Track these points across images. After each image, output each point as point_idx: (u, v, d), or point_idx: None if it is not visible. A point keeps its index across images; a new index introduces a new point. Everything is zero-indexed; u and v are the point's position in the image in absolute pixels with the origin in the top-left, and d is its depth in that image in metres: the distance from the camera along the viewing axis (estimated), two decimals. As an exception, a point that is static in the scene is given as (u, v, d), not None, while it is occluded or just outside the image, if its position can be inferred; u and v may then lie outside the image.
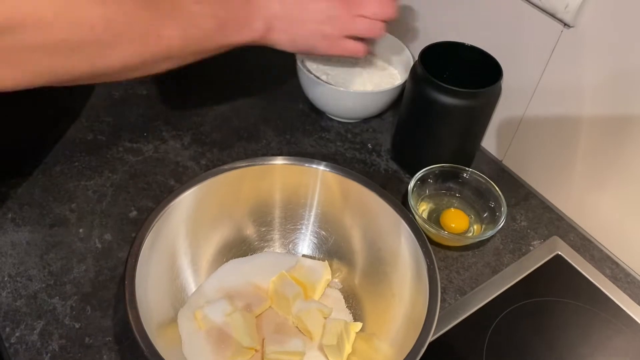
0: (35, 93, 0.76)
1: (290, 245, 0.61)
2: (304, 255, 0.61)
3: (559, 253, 0.65)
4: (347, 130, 0.77)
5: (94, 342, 0.53)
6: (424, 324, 0.47)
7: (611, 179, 0.62)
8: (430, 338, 0.46)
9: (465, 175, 0.67)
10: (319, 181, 0.58)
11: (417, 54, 0.65)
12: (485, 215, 0.65)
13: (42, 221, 0.62)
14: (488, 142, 0.76)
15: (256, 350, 0.52)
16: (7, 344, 0.52)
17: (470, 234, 0.65)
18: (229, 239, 0.59)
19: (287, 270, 0.57)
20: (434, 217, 0.66)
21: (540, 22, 0.61)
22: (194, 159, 0.71)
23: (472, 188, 0.67)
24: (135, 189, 0.67)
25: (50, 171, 0.67)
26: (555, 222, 0.69)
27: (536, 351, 0.56)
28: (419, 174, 0.65)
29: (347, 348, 0.52)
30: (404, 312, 0.52)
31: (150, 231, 0.50)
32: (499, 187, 0.65)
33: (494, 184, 0.65)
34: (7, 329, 0.53)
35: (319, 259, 0.60)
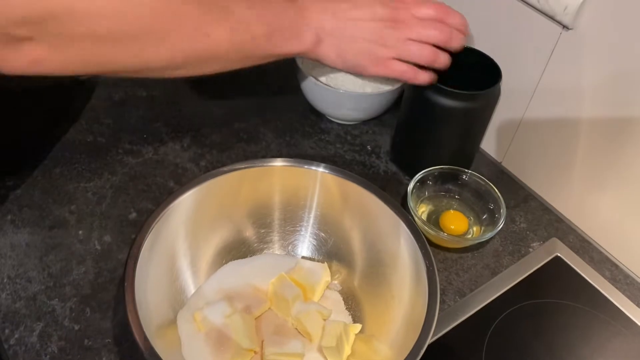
0: (36, 94, 0.76)
1: (290, 246, 0.61)
2: (303, 257, 0.61)
3: (559, 255, 0.65)
4: (346, 132, 0.77)
5: (94, 344, 0.53)
6: (423, 325, 0.47)
7: (611, 181, 0.62)
8: (430, 340, 0.46)
9: (465, 177, 0.67)
10: (318, 183, 0.58)
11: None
12: (485, 217, 0.66)
13: (42, 223, 0.62)
14: (487, 144, 0.76)
15: (255, 352, 0.52)
16: (6, 346, 0.52)
17: (470, 235, 0.65)
18: (229, 241, 0.59)
19: (286, 272, 0.57)
20: (434, 219, 0.66)
21: (540, 24, 0.61)
22: (194, 161, 0.71)
23: (472, 190, 0.67)
24: (134, 191, 0.67)
25: (50, 173, 0.67)
26: (555, 224, 0.69)
27: (535, 353, 0.56)
28: (419, 176, 0.65)
29: (347, 349, 0.52)
30: (403, 314, 0.52)
31: (150, 233, 0.50)
32: (498, 189, 0.65)
33: (493, 185, 0.65)
34: (7, 331, 0.53)
35: (318, 260, 0.60)
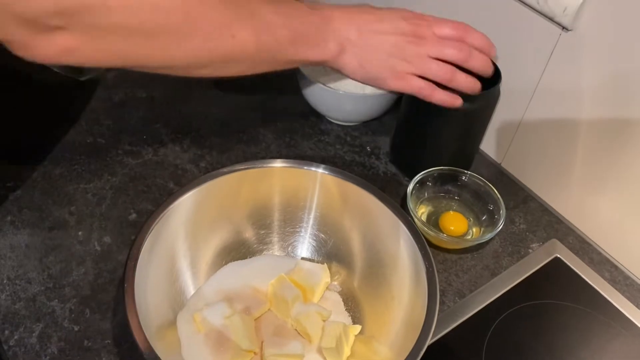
0: (35, 95, 0.77)
1: (290, 248, 0.61)
2: (303, 258, 0.61)
3: (558, 256, 0.65)
4: (346, 133, 0.77)
5: (93, 344, 0.53)
6: (423, 326, 0.47)
7: (610, 182, 0.63)
8: (429, 341, 0.46)
9: (464, 178, 0.67)
10: (318, 184, 0.58)
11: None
12: (484, 218, 0.66)
13: (42, 224, 0.62)
14: (487, 145, 0.76)
15: (255, 353, 0.52)
16: (6, 347, 0.52)
17: (469, 236, 0.65)
18: (228, 242, 0.59)
19: (286, 273, 0.57)
20: (433, 220, 0.66)
21: (539, 25, 0.61)
22: (193, 162, 0.71)
23: (471, 191, 0.67)
24: (134, 192, 0.67)
25: (50, 174, 0.67)
26: (554, 225, 0.69)
27: (535, 354, 0.56)
28: (418, 177, 0.65)
29: (346, 351, 0.52)
30: (403, 315, 0.52)
31: (150, 234, 0.50)
32: (497, 190, 0.65)
33: (492, 186, 0.65)
34: (6, 332, 0.53)
35: (318, 261, 0.60)
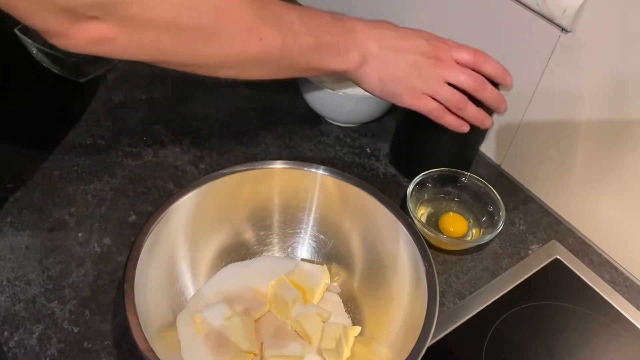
0: (36, 97, 0.77)
1: (289, 249, 0.61)
2: (302, 259, 0.61)
3: (558, 257, 0.65)
4: (346, 135, 0.77)
5: (93, 346, 0.53)
6: (423, 327, 0.47)
7: (610, 183, 0.63)
8: (429, 342, 0.46)
9: (464, 179, 0.67)
10: (317, 185, 0.58)
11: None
12: (484, 219, 0.66)
13: (41, 225, 0.62)
14: (486, 147, 0.76)
15: (255, 354, 0.52)
16: (5, 348, 0.52)
17: (469, 238, 0.65)
18: (228, 243, 0.59)
19: (286, 274, 0.57)
20: (433, 221, 0.66)
21: (538, 27, 0.62)
22: (193, 163, 0.71)
23: (471, 192, 0.67)
24: (134, 193, 0.67)
25: (50, 175, 0.67)
26: (554, 226, 0.69)
27: (535, 355, 0.56)
28: (418, 178, 0.65)
29: (346, 352, 0.52)
30: (402, 316, 0.52)
31: (149, 235, 0.50)
32: (497, 191, 0.65)
33: (492, 188, 0.65)
34: (6, 333, 0.53)
35: (317, 263, 0.60)
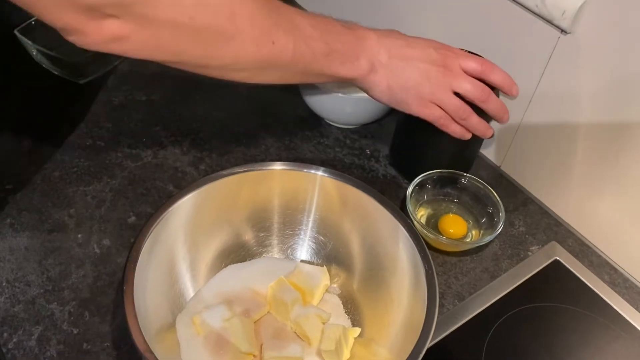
0: (36, 98, 0.77)
1: (289, 250, 0.61)
2: (302, 261, 0.61)
3: (558, 258, 0.65)
4: (345, 136, 0.77)
5: (92, 347, 0.53)
6: (423, 329, 0.47)
7: (610, 185, 0.63)
8: (429, 343, 0.46)
9: (464, 180, 0.67)
10: (317, 186, 0.58)
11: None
12: (484, 220, 0.66)
13: (41, 226, 0.62)
14: (486, 148, 0.76)
15: (254, 356, 0.52)
16: (4, 350, 0.52)
17: (469, 239, 0.65)
18: (228, 244, 0.59)
19: (285, 276, 0.57)
20: (433, 223, 0.66)
21: (538, 28, 0.62)
22: (193, 165, 0.71)
23: (471, 193, 0.67)
24: (134, 195, 0.67)
25: (50, 176, 0.67)
26: (554, 228, 0.69)
27: (535, 357, 0.56)
28: (418, 180, 0.65)
29: (346, 353, 0.52)
30: (402, 318, 0.52)
31: (149, 236, 0.50)
32: (497, 193, 0.65)
33: (492, 189, 0.65)
34: (5, 335, 0.53)
35: (317, 264, 0.60)
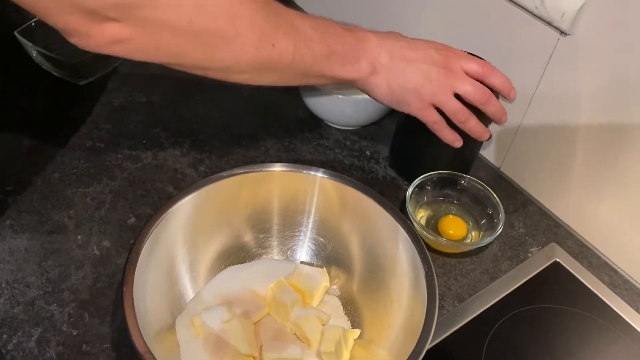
0: (35, 99, 0.77)
1: (289, 251, 0.61)
2: (302, 262, 0.61)
3: (557, 260, 0.65)
4: (345, 138, 0.77)
5: (92, 349, 0.53)
6: (422, 330, 0.47)
7: (609, 186, 0.63)
8: (429, 345, 0.46)
9: (463, 182, 0.67)
10: (317, 188, 0.58)
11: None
12: (483, 222, 0.66)
13: (41, 228, 0.62)
14: (486, 149, 0.76)
15: (254, 357, 0.52)
16: (4, 351, 0.52)
17: (468, 240, 0.65)
18: (227, 246, 0.59)
19: (285, 277, 0.57)
20: (432, 224, 0.66)
21: (537, 30, 0.62)
22: (193, 166, 0.71)
23: (470, 195, 0.67)
24: (133, 196, 0.67)
25: (49, 178, 0.67)
26: (553, 229, 0.69)
27: (535, 358, 0.56)
28: (417, 181, 0.65)
29: (345, 355, 0.52)
30: (402, 319, 0.52)
31: (149, 238, 0.50)
32: (496, 194, 0.65)
33: (491, 190, 0.65)
34: (5, 336, 0.53)
35: (317, 265, 0.60)
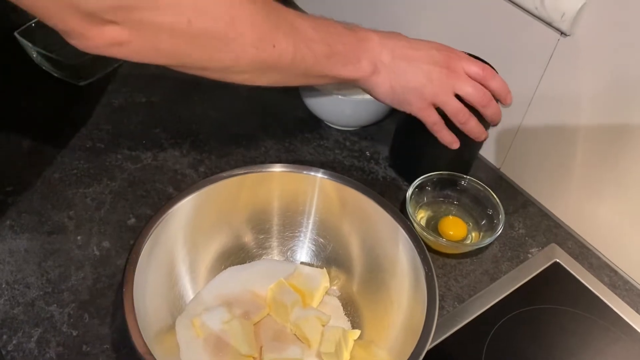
0: (35, 100, 0.77)
1: (289, 252, 0.61)
2: (302, 263, 0.61)
3: (557, 261, 0.65)
4: (345, 138, 0.77)
5: (92, 349, 0.53)
6: (422, 331, 0.47)
7: (609, 187, 0.63)
8: (429, 346, 0.46)
9: (463, 182, 0.67)
10: (317, 189, 0.58)
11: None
12: (483, 222, 0.66)
13: (41, 228, 0.62)
14: (486, 150, 0.76)
15: (254, 358, 0.52)
16: (4, 352, 0.52)
17: (469, 241, 0.65)
18: (227, 246, 0.59)
19: (285, 278, 0.57)
20: (432, 225, 0.66)
21: (537, 30, 0.62)
22: (193, 167, 0.71)
23: (470, 196, 0.67)
24: (133, 197, 0.67)
25: (49, 178, 0.67)
26: (553, 230, 0.69)
27: (535, 359, 0.56)
28: (417, 182, 0.65)
29: (346, 355, 0.52)
30: (402, 320, 0.52)
31: (149, 238, 0.50)
32: (497, 195, 0.65)
33: (491, 191, 0.65)
34: (5, 337, 0.53)
35: (317, 266, 0.60)
